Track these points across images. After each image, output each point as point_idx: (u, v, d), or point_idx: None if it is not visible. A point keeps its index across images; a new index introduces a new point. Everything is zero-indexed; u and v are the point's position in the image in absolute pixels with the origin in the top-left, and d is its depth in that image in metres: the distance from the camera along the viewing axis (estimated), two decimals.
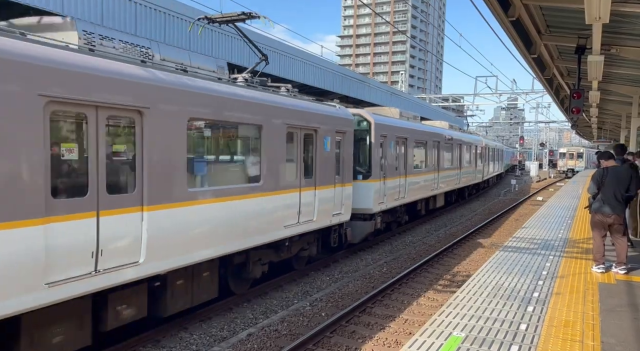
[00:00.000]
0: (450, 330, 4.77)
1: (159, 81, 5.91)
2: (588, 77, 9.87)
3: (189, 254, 6.42)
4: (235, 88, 7.38)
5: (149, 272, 5.84)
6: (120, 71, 5.43)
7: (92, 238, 5.09)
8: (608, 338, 4.56)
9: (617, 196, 6.95)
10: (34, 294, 4.56)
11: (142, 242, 5.69)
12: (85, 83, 4.96)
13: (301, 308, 8.11)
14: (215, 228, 6.87)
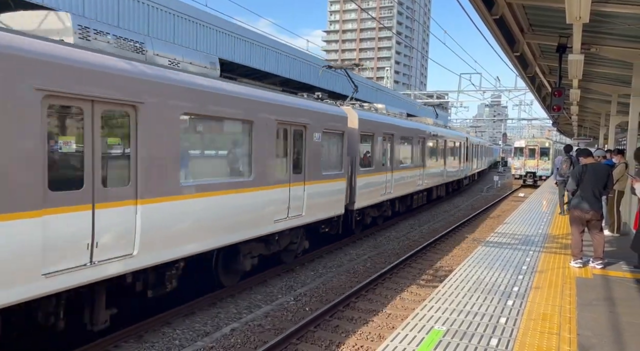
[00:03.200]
0: (432, 324, 4.84)
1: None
2: (569, 76, 10.04)
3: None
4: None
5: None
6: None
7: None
8: (584, 330, 4.68)
9: (595, 192, 7.11)
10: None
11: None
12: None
13: (285, 303, 8.13)
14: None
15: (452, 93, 42.94)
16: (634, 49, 9.29)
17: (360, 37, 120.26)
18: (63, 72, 4.86)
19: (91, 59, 5.23)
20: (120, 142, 5.71)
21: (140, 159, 5.75)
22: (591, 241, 7.34)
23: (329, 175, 10.54)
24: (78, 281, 5.13)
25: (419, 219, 18.05)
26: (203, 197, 6.86)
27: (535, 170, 32.23)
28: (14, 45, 4.49)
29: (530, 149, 32.38)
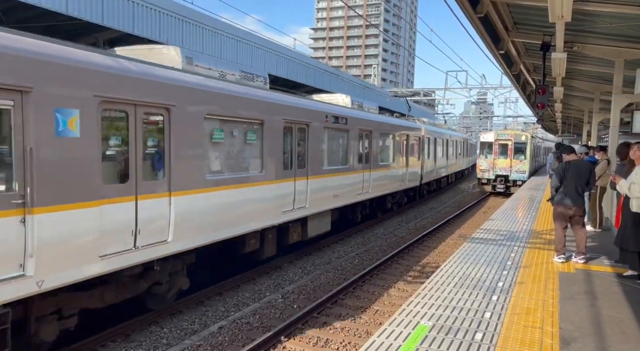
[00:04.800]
0: (418, 320, 4.90)
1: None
2: (552, 74, 10.18)
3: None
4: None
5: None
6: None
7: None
8: (566, 324, 4.77)
9: (578, 189, 7.23)
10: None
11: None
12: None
13: (273, 300, 8.15)
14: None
15: (439, 91, 43.26)
16: (615, 47, 9.44)
17: (348, 34, 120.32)
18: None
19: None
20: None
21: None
22: (574, 236, 7.47)
23: None
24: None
25: (406, 216, 18.18)
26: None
27: (508, 172, 24.23)
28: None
29: (502, 145, 24.44)
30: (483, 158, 25.13)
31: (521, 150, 24.64)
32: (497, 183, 24.60)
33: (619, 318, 4.98)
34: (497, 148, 24.71)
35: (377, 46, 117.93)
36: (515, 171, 24.39)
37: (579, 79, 14.27)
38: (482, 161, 25.13)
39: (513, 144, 24.44)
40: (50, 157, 4.98)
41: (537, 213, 12.71)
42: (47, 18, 9.70)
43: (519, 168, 24.38)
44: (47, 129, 4.93)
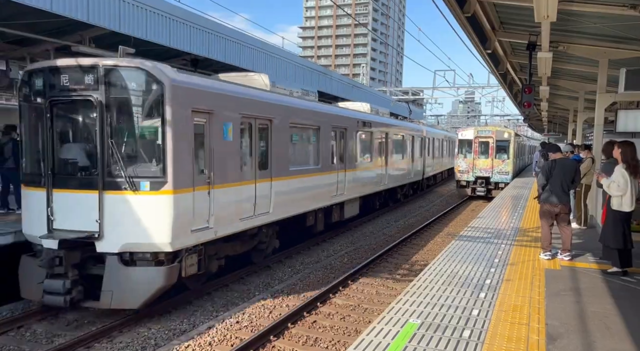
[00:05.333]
0: (407, 318, 4.92)
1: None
2: (538, 73, 10.29)
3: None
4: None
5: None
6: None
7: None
8: (552, 320, 4.83)
9: (563, 187, 7.31)
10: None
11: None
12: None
13: (262, 299, 8.13)
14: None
15: (427, 90, 43.46)
16: (600, 47, 9.57)
17: (337, 33, 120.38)
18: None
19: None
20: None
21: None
22: (559, 234, 7.56)
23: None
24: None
25: (395, 215, 18.25)
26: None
27: (489, 174, 21.84)
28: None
29: (482, 143, 22.07)
30: (462, 157, 22.45)
31: (504, 149, 22.12)
32: (477, 185, 22.03)
33: (603, 313, 5.05)
34: (477, 146, 22.13)
35: (366, 45, 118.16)
36: (498, 172, 21.82)
37: (564, 78, 14.44)
38: (461, 161, 22.42)
39: (495, 142, 21.93)
40: (220, 153, 7.76)
41: (524, 211, 12.85)
42: (31, 15, 9.56)
43: (502, 169, 21.82)
44: (219, 136, 7.78)
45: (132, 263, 6.83)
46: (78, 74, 6.83)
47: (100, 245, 6.78)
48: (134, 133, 7.06)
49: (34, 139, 7.33)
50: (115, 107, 6.83)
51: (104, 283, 6.70)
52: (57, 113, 7.08)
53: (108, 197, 6.74)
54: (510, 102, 32.73)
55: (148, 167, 6.87)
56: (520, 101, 14.59)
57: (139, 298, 6.74)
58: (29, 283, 7.01)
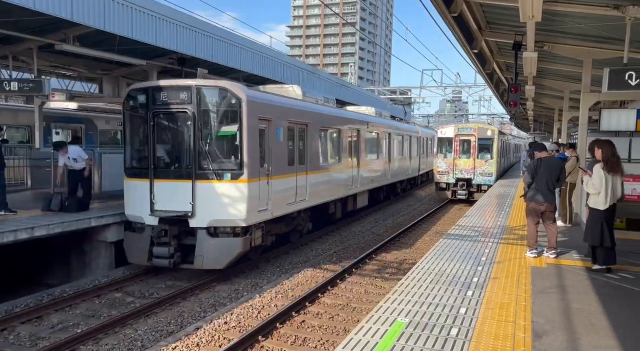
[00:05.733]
0: (395, 317, 4.93)
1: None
2: (524, 73, 10.39)
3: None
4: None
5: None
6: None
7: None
8: (538, 318, 4.88)
9: (549, 185, 7.39)
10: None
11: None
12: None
13: (251, 300, 8.09)
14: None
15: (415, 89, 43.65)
16: (584, 47, 9.70)
17: (325, 33, 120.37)
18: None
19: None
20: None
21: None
22: (545, 232, 7.64)
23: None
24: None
25: (383, 213, 18.31)
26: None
27: (471, 175, 20.20)
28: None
29: (464, 141, 20.56)
30: (441, 158, 20.89)
31: (487, 148, 20.51)
32: (458, 188, 20.47)
33: (588, 310, 5.12)
34: (458, 145, 20.54)
35: (354, 45, 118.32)
36: (480, 174, 20.22)
37: (549, 78, 14.61)
38: (441, 161, 20.82)
39: (477, 141, 20.31)
40: (275, 152, 9.98)
41: (511, 210, 12.96)
42: (14, 13, 9.38)
43: (485, 170, 20.21)
44: (275, 138, 9.97)
45: (217, 236, 9.04)
46: (175, 92, 9.04)
47: (193, 221, 8.98)
48: (219, 137, 9.31)
49: (137, 142, 9.67)
50: (204, 117, 9.05)
51: (197, 250, 8.90)
52: (158, 122, 9.24)
53: (199, 185, 8.94)
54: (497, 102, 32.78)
55: (229, 162, 9.09)
56: (506, 100, 14.73)
57: (224, 261, 8.98)
58: (135, 252, 9.30)
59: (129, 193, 9.67)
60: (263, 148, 9.62)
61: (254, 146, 9.16)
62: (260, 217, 9.54)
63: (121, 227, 10.13)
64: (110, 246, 10.15)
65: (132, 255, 9.42)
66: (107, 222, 9.99)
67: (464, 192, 20.37)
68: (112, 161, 13.17)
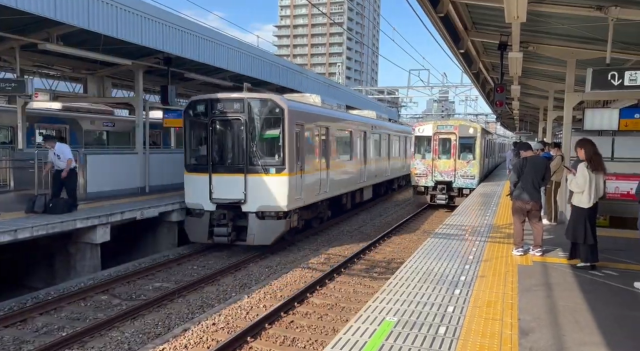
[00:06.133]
0: (383, 316, 4.94)
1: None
2: (510, 72, 10.49)
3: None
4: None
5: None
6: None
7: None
8: (524, 315, 4.93)
9: (534, 184, 7.48)
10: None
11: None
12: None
13: (239, 300, 8.06)
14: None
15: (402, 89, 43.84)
16: (567, 47, 9.82)
17: (312, 32, 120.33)
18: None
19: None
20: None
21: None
22: (531, 230, 7.72)
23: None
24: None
25: (371, 213, 18.36)
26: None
27: (451, 177, 18.75)
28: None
29: (443, 140, 19.06)
30: (419, 158, 19.32)
31: (469, 148, 18.93)
32: (438, 192, 18.88)
33: (573, 307, 5.19)
34: (437, 144, 18.99)
35: (342, 45, 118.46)
36: (461, 176, 18.68)
37: (534, 78, 14.78)
38: (418, 162, 19.25)
39: (458, 139, 18.77)
40: (306, 151, 12.08)
41: (498, 208, 13.09)
42: None
43: (466, 171, 18.65)
44: (305, 139, 12.11)
45: (263, 218, 11.27)
46: (230, 103, 11.36)
47: (244, 207, 11.24)
48: (265, 139, 11.53)
49: (197, 143, 11.95)
50: (254, 123, 11.31)
51: (249, 230, 11.19)
52: (215, 127, 11.55)
53: (249, 177, 11.19)
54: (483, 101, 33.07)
55: (273, 159, 11.33)
56: (492, 100, 14.89)
57: (270, 238, 11.25)
58: (197, 232, 11.49)
59: (189, 185, 11.85)
60: (298, 147, 11.77)
61: (291, 146, 11.40)
62: (296, 204, 11.82)
63: (107, 228, 10.07)
64: (96, 247, 10.03)
65: (193, 235, 11.65)
66: (93, 223, 9.87)
67: (443, 195, 18.80)
68: (97, 162, 13.02)
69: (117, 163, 13.96)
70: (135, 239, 12.34)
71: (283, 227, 11.35)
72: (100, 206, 11.19)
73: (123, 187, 13.69)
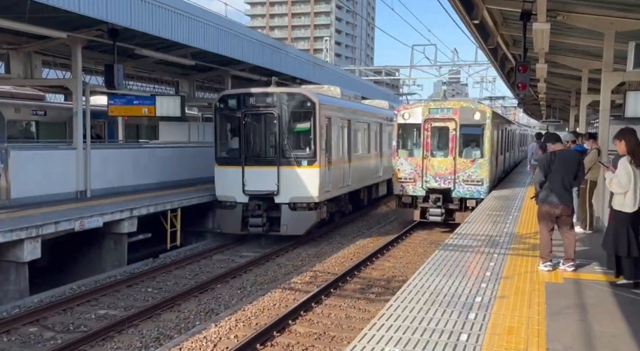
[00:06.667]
0: (382, 346, 4.94)
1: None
2: (534, 48, 10.56)
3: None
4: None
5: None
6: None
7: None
8: (554, 344, 4.97)
9: (565, 184, 7.51)
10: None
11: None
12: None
13: (204, 330, 8.02)
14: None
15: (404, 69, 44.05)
16: (605, 16, 9.86)
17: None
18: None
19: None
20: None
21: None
22: (561, 240, 7.79)
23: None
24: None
25: (367, 221, 18.42)
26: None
27: (450, 184, 15.84)
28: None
29: (437, 129, 16.32)
30: (404, 156, 16.52)
31: (474, 140, 16.16)
32: (430, 204, 15.92)
33: (612, 333, 5.24)
34: (430, 136, 16.09)
35: (329, 14, 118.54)
36: (464, 181, 15.73)
37: (564, 55, 14.93)
38: (402, 162, 16.34)
39: (459, 128, 15.78)
40: (333, 144, 15.16)
41: (520, 213, 13.21)
42: None
43: (471, 175, 15.74)
44: (332, 132, 15.11)
45: (295, 209, 13.94)
46: (263, 97, 14.21)
47: (277, 198, 13.97)
48: (297, 132, 14.44)
49: (229, 136, 14.89)
50: (286, 116, 14.03)
51: (282, 221, 13.93)
52: (247, 121, 14.22)
53: (282, 170, 13.90)
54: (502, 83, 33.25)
55: (305, 151, 14.09)
56: (513, 82, 14.99)
57: (302, 229, 14.13)
58: (229, 224, 14.38)
59: (220, 178, 14.52)
60: (326, 140, 14.52)
61: (322, 139, 14.17)
62: (325, 195, 14.55)
63: (37, 242, 9.94)
64: (23, 267, 9.85)
65: (225, 227, 14.51)
66: (19, 236, 9.67)
67: (438, 210, 15.78)
68: (23, 159, 12.82)
69: (50, 161, 13.79)
70: (74, 256, 12.20)
71: (315, 218, 14.22)
72: (29, 215, 11.02)
73: (57, 191, 13.54)
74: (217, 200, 14.56)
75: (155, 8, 13.89)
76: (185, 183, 17.82)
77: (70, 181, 14.04)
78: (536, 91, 22.56)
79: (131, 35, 14.33)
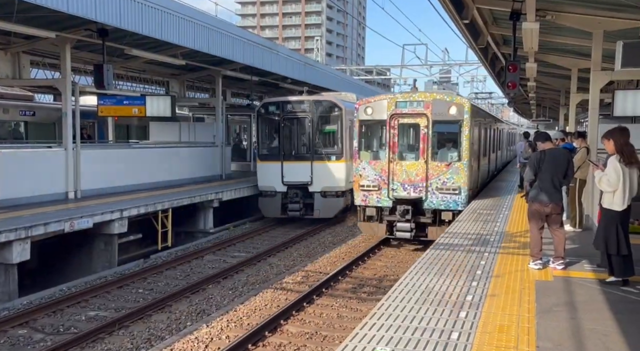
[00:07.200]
0: (374, 346, 4.95)
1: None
2: (524, 47, 10.62)
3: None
4: None
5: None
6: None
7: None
8: (544, 341, 5.00)
9: (554, 182, 7.55)
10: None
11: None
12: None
13: (196, 331, 8.00)
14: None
15: (395, 68, 44.13)
16: (593, 16, 9.94)
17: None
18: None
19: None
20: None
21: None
22: (551, 238, 7.83)
23: None
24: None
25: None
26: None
27: (421, 192, 13.54)
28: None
29: (405, 126, 14.37)
30: (366, 158, 14.33)
31: (450, 139, 13.93)
32: (398, 217, 13.54)
33: (602, 331, 5.28)
34: (397, 134, 13.92)
35: (320, 14, 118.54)
36: (438, 189, 13.48)
37: (554, 54, 15.01)
38: (365, 166, 14.14)
39: (431, 125, 13.49)
40: (348, 139, 17.64)
41: (511, 212, 13.26)
42: None
43: (446, 181, 13.49)
44: (352, 132, 15.73)
45: (326, 197, 17.40)
46: (298, 104, 17.91)
47: (311, 188, 17.40)
48: (327, 133, 18.00)
49: (269, 137, 18.55)
50: (318, 119, 17.67)
51: (315, 206, 17.49)
52: (285, 124, 17.78)
53: (315, 164, 17.39)
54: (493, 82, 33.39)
55: (334, 148, 17.66)
56: (503, 81, 15.00)
57: (332, 213, 17.63)
58: (270, 209, 17.92)
59: (262, 172, 18.16)
60: (350, 139, 16.83)
61: (346, 138, 17.34)
62: (349, 186, 17.00)
63: (26, 244, 9.88)
64: (12, 268, 9.78)
65: (267, 212, 18.19)
66: (8, 238, 9.62)
67: (407, 224, 13.44)
68: (11, 160, 12.72)
69: (39, 161, 13.68)
70: (64, 257, 12.12)
71: (342, 204, 17.51)
72: (18, 216, 10.93)
73: (46, 192, 13.43)
74: (259, 190, 18.09)
75: (145, 8, 13.82)
76: (177, 184, 17.76)
77: (60, 182, 13.94)
78: (526, 90, 22.69)
79: (121, 35, 14.26)
